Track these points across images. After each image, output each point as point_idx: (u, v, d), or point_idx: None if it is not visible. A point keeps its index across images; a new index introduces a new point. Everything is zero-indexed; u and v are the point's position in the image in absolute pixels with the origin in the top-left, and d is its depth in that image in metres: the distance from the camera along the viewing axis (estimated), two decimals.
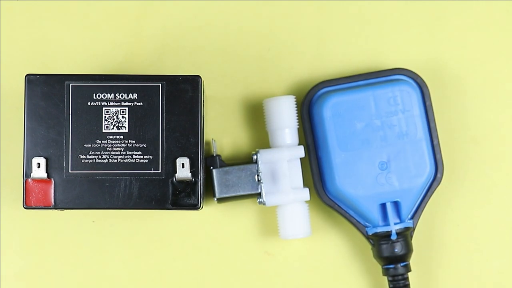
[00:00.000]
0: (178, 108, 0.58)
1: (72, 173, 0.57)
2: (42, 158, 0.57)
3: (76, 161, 0.57)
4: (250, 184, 0.66)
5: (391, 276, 0.66)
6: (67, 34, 0.70)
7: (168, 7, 0.70)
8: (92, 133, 0.58)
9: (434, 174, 0.66)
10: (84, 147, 0.57)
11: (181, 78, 0.58)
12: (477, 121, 0.70)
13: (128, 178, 0.58)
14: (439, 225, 0.69)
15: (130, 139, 0.58)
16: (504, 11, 0.70)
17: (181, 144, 0.58)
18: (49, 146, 0.57)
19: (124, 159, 0.58)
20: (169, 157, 0.58)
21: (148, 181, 0.58)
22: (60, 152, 0.57)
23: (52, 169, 0.57)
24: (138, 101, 0.58)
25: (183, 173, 0.57)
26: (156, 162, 0.58)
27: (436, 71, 0.70)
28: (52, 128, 0.57)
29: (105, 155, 0.57)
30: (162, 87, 0.58)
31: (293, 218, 0.66)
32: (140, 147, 0.58)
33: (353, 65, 0.70)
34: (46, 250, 0.69)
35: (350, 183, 0.65)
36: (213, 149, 0.68)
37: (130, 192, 0.58)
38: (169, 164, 0.58)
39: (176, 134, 0.58)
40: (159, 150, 0.58)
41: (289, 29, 0.70)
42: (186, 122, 0.58)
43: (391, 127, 0.65)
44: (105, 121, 0.58)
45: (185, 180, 0.57)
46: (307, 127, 0.67)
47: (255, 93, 0.70)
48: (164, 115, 0.58)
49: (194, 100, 0.58)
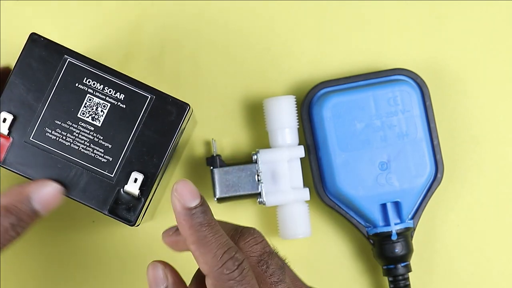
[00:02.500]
0: (155, 125, 0.57)
1: (32, 141, 0.57)
2: (10, 115, 0.57)
3: (40, 131, 0.57)
4: (250, 184, 0.66)
5: (391, 276, 0.66)
6: (67, 34, 0.70)
7: (168, 7, 0.70)
8: (67, 113, 0.57)
9: (434, 174, 0.66)
10: (53, 123, 0.57)
11: (171, 99, 0.58)
12: (477, 121, 0.70)
13: (81, 168, 0.57)
14: (439, 225, 0.69)
15: (99, 134, 0.57)
16: (504, 11, 0.70)
17: (143, 160, 0.57)
18: (22, 106, 0.57)
19: (85, 150, 0.57)
20: (126, 167, 0.57)
21: (98, 180, 0.57)
22: (29, 117, 0.57)
23: (15, 129, 0.57)
24: (123, 103, 0.58)
25: (132, 188, 0.57)
26: (112, 166, 0.57)
27: (436, 71, 0.70)
28: (32, 92, 0.57)
29: (70, 138, 0.57)
30: (150, 100, 0.58)
31: (293, 218, 0.66)
32: (105, 145, 0.57)
33: (353, 65, 0.70)
34: (46, 250, 0.69)
35: (350, 183, 0.65)
36: (213, 149, 0.68)
37: (77, 182, 0.57)
38: (123, 173, 0.57)
39: (143, 149, 0.57)
40: (120, 156, 0.57)
41: (289, 29, 0.70)
42: (158, 142, 0.57)
43: (391, 128, 0.66)
44: (84, 107, 0.58)
45: (132, 194, 0.57)
46: (307, 127, 0.67)
47: (255, 93, 0.70)
48: (140, 127, 0.58)
49: (174, 125, 0.58)
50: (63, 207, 0.69)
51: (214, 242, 0.50)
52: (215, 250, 0.50)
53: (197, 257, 0.50)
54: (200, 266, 0.51)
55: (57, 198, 0.56)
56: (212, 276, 0.50)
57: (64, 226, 0.69)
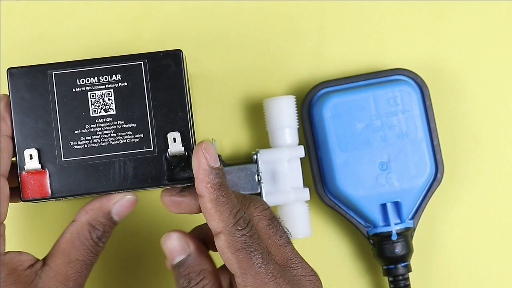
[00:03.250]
0: (162, 84, 0.58)
1: (65, 160, 0.57)
2: (33, 150, 0.57)
3: (67, 148, 0.57)
4: (250, 184, 0.66)
5: (391, 276, 0.66)
6: (67, 34, 0.70)
7: (168, 7, 0.70)
8: (81, 119, 0.57)
9: (434, 174, 0.66)
10: (74, 134, 0.57)
11: (162, 53, 0.58)
12: (477, 121, 0.70)
13: (122, 159, 0.57)
14: (439, 225, 0.69)
15: (119, 120, 0.57)
16: (504, 11, 0.70)
17: (170, 119, 0.57)
18: (39, 137, 0.57)
19: (115, 140, 0.57)
20: (159, 134, 0.57)
21: (142, 159, 0.57)
22: (51, 142, 0.57)
23: (45, 159, 0.57)
24: (122, 82, 0.58)
25: (176, 148, 0.57)
26: (147, 140, 0.57)
27: (436, 71, 0.70)
28: (40, 119, 0.57)
29: (96, 139, 0.57)
30: (144, 65, 0.58)
31: (293, 218, 0.66)
32: (130, 127, 0.57)
33: (353, 65, 0.70)
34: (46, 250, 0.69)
35: (351, 183, 0.65)
36: None
37: (126, 173, 0.57)
38: (160, 141, 0.57)
39: (164, 110, 0.57)
40: (149, 128, 0.57)
41: (289, 29, 0.70)
42: (172, 97, 0.57)
43: (391, 128, 0.66)
44: (92, 105, 0.57)
45: (179, 155, 0.57)
46: (307, 127, 0.67)
47: (255, 93, 0.70)
48: (150, 92, 0.57)
49: (177, 74, 0.58)
50: (63, 207, 0.69)
51: (230, 202, 0.54)
52: (231, 209, 0.54)
53: (213, 214, 0.54)
54: (214, 224, 0.54)
55: (132, 207, 0.59)
56: (227, 232, 0.54)
57: (64, 226, 0.69)
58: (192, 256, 0.58)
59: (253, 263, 0.54)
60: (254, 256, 0.54)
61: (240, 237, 0.54)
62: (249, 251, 0.54)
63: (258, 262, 0.54)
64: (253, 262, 0.54)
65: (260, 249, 0.54)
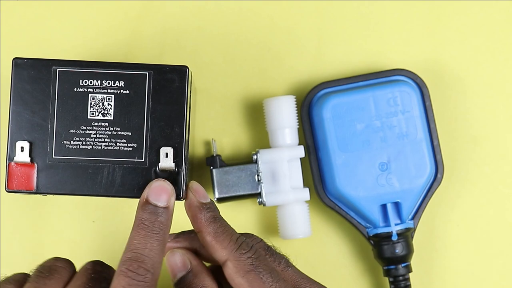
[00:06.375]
0: (164, 98, 0.58)
1: (56, 158, 0.57)
2: (26, 142, 0.57)
3: (60, 146, 0.57)
4: (250, 184, 0.66)
5: (392, 277, 0.66)
6: (67, 34, 0.70)
7: (168, 7, 0.70)
8: (77, 119, 0.57)
9: (435, 174, 0.66)
10: (68, 133, 0.57)
11: (168, 67, 0.58)
12: (477, 121, 0.70)
13: (112, 165, 0.57)
14: (439, 226, 0.69)
15: (115, 127, 0.57)
16: (504, 11, 0.70)
17: (166, 134, 0.57)
18: (33, 130, 0.57)
19: (108, 146, 0.57)
20: (153, 146, 0.57)
21: (131, 169, 0.57)
22: (44, 137, 0.57)
23: (35, 154, 0.57)
24: (125, 89, 0.58)
25: (167, 163, 0.57)
26: (140, 151, 0.57)
27: (436, 71, 0.70)
28: (37, 113, 0.57)
29: (89, 141, 0.57)
30: (149, 76, 0.58)
31: (293, 218, 0.66)
32: (125, 135, 0.57)
33: (353, 66, 0.70)
34: (46, 250, 0.69)
35: (351, 184, 0.65)
36: (213, 149, 0.68)
37: (113, 180, 0.57)
38: (152, 153, 0.57)
39: (161, 123, 0.57)
40: (143, 139, 0.57)
41: (289, 29, 0.70)
42: (172, 112, 0.58)
43: (391, 128, 0.66)
44: (90, 107, 0.57)
45: (168, 170, 0.57)
46: (307, 128, 0.67)
47: (255, 93, 0.70)
48: (150, 104, 0.57)
49: (180, 90, 0.58)
50: (63, 207, 0.69)
51: (227, 231, 0.56)
52: (230, 236, 0.56)
53: (214, 245, 0.55)
54: (218, 254, 0.55)
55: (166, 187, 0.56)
56: (232, 258, 0.55)
57: (64, 226, 0.69)
58: (192, 273, 0.57)
59: (263, 282, 0.54)
60: (264, 276, 0.54)
61: (246, 259, 0.55)
62: (257, 271, 0.55)
63: (268, 281, 0.54)
64: (264, 281, 0.54)
65: (268, 269, 0.55)
